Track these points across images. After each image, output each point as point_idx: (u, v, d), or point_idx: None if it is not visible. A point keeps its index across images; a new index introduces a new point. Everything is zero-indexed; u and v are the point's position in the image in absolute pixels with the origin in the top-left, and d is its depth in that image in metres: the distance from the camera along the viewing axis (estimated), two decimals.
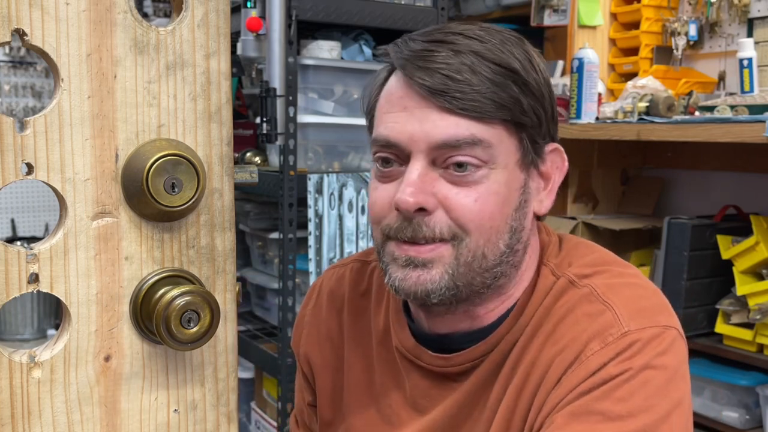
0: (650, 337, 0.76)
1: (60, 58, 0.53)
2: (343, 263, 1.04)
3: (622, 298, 0.79)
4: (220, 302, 0.60)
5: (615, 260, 0.87)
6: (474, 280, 0.80)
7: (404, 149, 0.79)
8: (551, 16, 2.33)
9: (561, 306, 0.81)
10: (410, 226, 0.78)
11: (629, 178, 2.41)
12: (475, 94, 0.76)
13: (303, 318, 1.04)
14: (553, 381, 0.77)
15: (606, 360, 0.75)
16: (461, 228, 0.78)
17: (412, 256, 0.79)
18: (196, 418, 0.61)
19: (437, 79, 0.76)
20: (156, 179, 0.55)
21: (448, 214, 0.78)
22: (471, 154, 0.77)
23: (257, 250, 2.45)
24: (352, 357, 0.96)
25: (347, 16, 2.01)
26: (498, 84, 0.77)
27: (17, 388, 0.55)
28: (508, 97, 0.78)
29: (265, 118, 1.89)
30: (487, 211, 0.78)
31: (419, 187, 0.77)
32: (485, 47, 0.78)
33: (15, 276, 0.54)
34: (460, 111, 0.76)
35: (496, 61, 0.78)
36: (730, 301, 1.84)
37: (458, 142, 0.77)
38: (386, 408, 0.92)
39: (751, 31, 2.13)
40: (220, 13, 0.58)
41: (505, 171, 0.79)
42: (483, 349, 0.85)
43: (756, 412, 1.80)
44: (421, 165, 0.78)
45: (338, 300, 1.00)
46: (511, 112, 0.78)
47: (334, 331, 0.99)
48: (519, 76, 0.78)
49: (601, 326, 0.77)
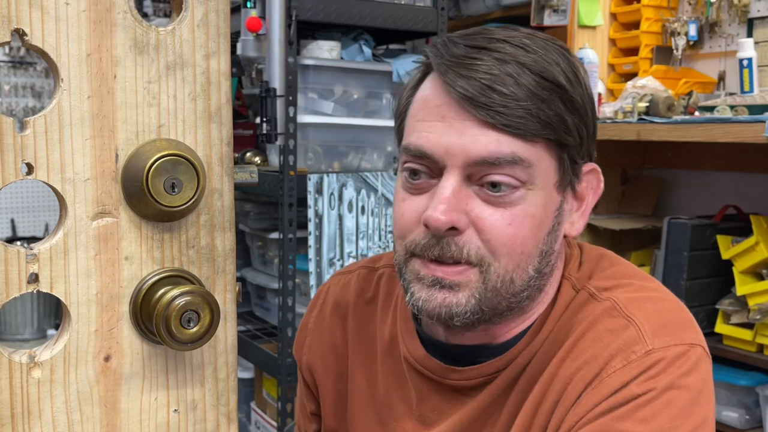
0: (675, 356, 0.73)
1: (60, 58, 0.53)
2: (349, 269, 1.01)
3: (645, 313, 0.76)
4: (220, 302, 0.60)
5: (636, 273, 0.83)
6: (500, 304, 0.77)
7: (438, 162, 0.74)
8: (551, 16, 2.33)
9: (581, 320, 0.78)
10: (438, 244, 0.74)
11: (629, 178, 2.41)
12: (520, 110, 0.71)
13: (306, 325, 1.01)
14: (572, 398, 0.74)
15: (629, 379, 0.72)
16: (491, 251, 0.74)
17: (440, 277, 0.75)
18: (196, 418, 0.61)
19: (480, 90, 0.72)
20: (156, 179, 0.55)
21: (479, 235, 0.74)
22: (510, 173, 0.73)
23: (257, 250, 2.45)
24: (356, 365, 0.94)
25: (347, 16, 2.01)
26: (543, 99, 0.72)
27: (17, 388, 0.55)
28: (553, 115, 0.73)
29: (265, 118, 1.90)
30: (521, 236, 0.74)
31: (452, 205, 0.73)
32: (531, 58, 0.74)
33: (15, 276, 0.54)
34: (502, 127, 0.72)
35: (543, 75, 0.73)
36: (730, 301, 1.84)
37: (498, 160, 0.72)
38: (390, 420, 0.89)
39: (751, 31, 2.13)
40: (220, 13, 0.58)
41: (542, 193, 0.75)
42: (499, 364, 0.81)
43: (756, 412, 1.80)
44: (456, 180, 0.74)
45: (343, 308, 0.97)
46: (554, 131, 0.73)
47: (338, 340, 0.97)
48: (565, 91, 0.74)
49: (624, 343, 0.74)
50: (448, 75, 0.73)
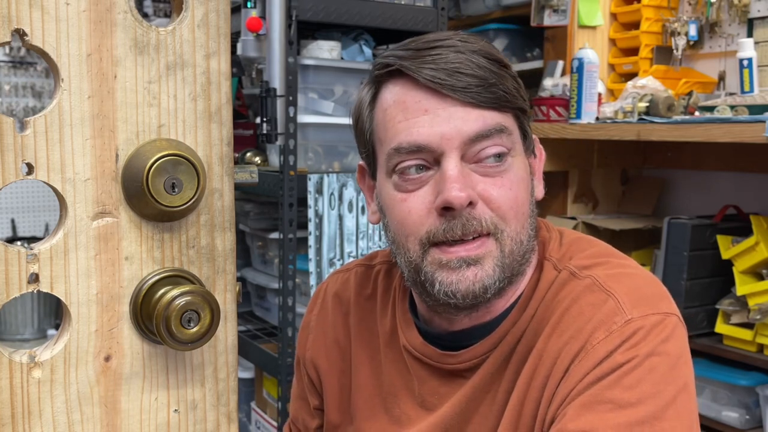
0: (653, 324, 0.78)
1: (60, 58, 0.53)
2: (347, 268, 1.04)
3: (623, 287, 0.81)
4: (220, 302, 0.60)
5: (614, 253, 0.89)
6: (514, 268, 0.82)
7: (435, 150, 0.79)
8: (551, 16, 2.33)
9: (564, 297, 0.83)
10: (459, 222, 0.79)
11: (629, 178, 2.42)
12: (493, 88, 0.80)
13: (308, 323, 1.04)
14: (561, 371, 0.79)
15: (612, 348, 0.77)
16: (502, 218, 0.80)
17: (464, 256, 0.79)
18: (196, 418, 0.61)
19: (451, 76, 0.78)
20: (156, 179, 0.55)
21: (488, 205, 0.80)
22: (499, 143, 0.80)
23: (257, 250, 2.45)
24: (360, 359, 0.97)
25: (347, 16, 2.01)
26: (500, 76, 0.81)
27: (17, 388, 0.55)
28: (511, 87, 0.82)
29: (265, 118, 1.89)
30: (521, 198, 0.82)
31: (463, 182, 0.78)
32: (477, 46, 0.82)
33: (15, 276, 0.54)
34: (481, 104, 0.79)
35: (489, 56, 0.81)
36: (730, 301, 1.84)
37: (489, 131, 0.79)
38: (395, 408, 0.92)
39: (751, 31, 2.13)
40: (220, 13, 0.58)
41: (520, 158, 0.83)
42: (489, 344, 0.86)
43: (756, 412, 1.80)
44: (457, 161, 0.79)
45: (344, 303, 1.01)
46: (516, 101, 0.82)
47: (340, 334, 1.00)
48: (507, 68, 0.83)
49: (604, 315, 0.79)
50: (419, 72, 0.80)
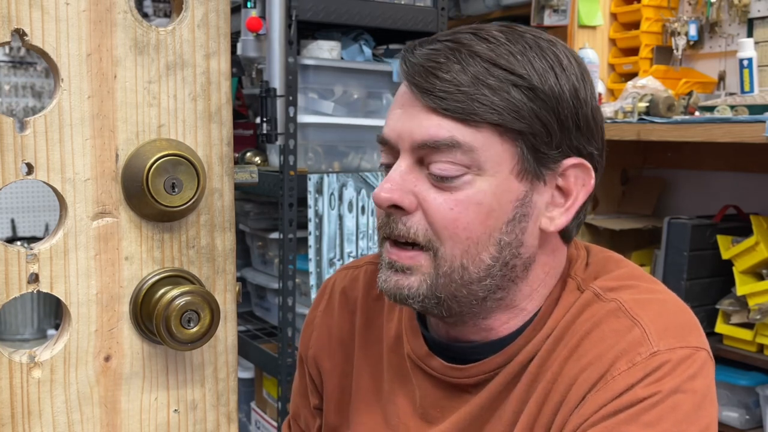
0: (680, 359, 0.73)
1: (60, 58, 0.53)
2: (356, 264, 1.01)
3: (650, 315, 0.76)
4: (220, 302, 0.60)
5: (642, 275, 0.83)
6: (458, 292, 0.77)
7: (394, 147, 0.79)
8: (551, 16, 2.33)
9: (586, 320, 0.78)
10: (388, 223, 0.78)
11: (629, 178, 2.41)
12: (460, 95, 0.73)
13: (313, 320, 1.01)
14: (576, 399, 0.74)
15: (634, 381, 0.72)
16: (436, 234, 0.76)
17: (393, 260, 0.79)
18: (196, 418, 0.61)
19: (423, 76, 0.75)
20: (156, 179, 0.55)
21: (426, 217, 0.76)
22: (450, 159, 0.74)
23: (257, 250, 2.45)
24: (362, 361, 0.94)
25: (347, 16, 2.01)
26: (490, 86, 0.74)
27: (17, 388, 0.55)
28: (499, 101, 0.74)
29: (265, 118, 1.89)
30: (462, 221, 0.75)
31: (398, 185, 0.76)
32: (489, 47, 0.75)
33: (15, 276, 0.54)
34: (443, 111, 0.74)
35: (495, 63, 0.74)
36: (730, 301, 1.84)
37: (437, 143, 0.74)
38: (393, 417, 0.89)
39: (751, 31, 2.13)
40: (220, 13, 0.58)
41: (493, 180, 0.75)
42: (499, 361, 0.81)
43: (756, 412, 1.80)
44: (406, 164, 0.77)
45: (351, 301, 0.98)
46: (500, 116, 0.74)
47: (345, 333, 0.97)
48: (523, 79, 0.74)
49: (628, 344, 0.74)
50: (403, 65, 0.78)
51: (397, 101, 0.80)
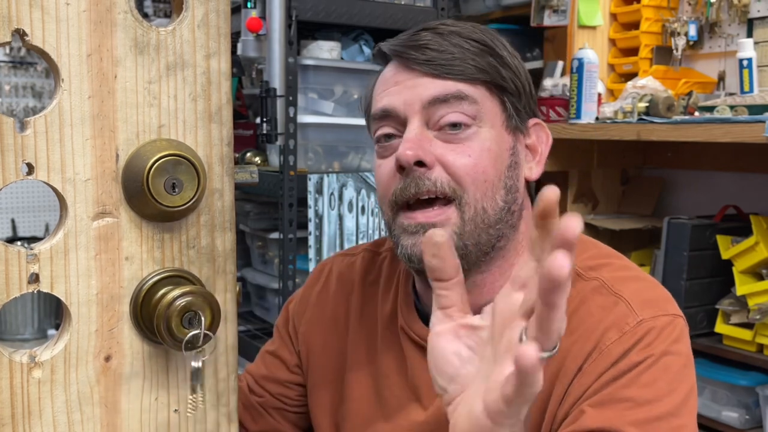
0: (663, 325, 0.80)
1: (60, 58, 0.53)
2: (353, 252, 1.06)
3: (630, 290, 0.83)
4: (221, 302, 0.60)
5: (614, 253, 0.92)
6: (480, 237, 0.84)
7: (400, 114, 0.85)
8: (551, 16, 2.33)
9: (572, 298, 0.83)
10: (413, 181, 0.82)
11: (629, 178, 2.41)
12: (457, 61, 0.85)
13: (308, 297, 1.05)
14: (572, 370, 0.80)
15: (626, 348, 0.78)
16: (459, 183, 0.83)
17: (422, 222, 0.83)
18: (196, 418, 0.61)
19: (424, 53, 0.85)
20: (156, 179, 0.55)
21: (446, 170, 0.83)
22: (459, 109, 0.84)
23: (257, 250, 2.45)
24: (357, 341, 0.98)
25: (347, 16, 2.01)
26: (476, 54, 0.86)
27: (17, 388, 0.55)
28: (486, 64, 0.86)
29: (265, 118, 1.90)
30: (480, 166, 0.83)
31: (417, 144, 0.82)
32: (464, 29, 0.88)
33: (15, 276, 0.54)
34: (444, 74, 0.84)
35: (474, 38, 0.87)
36: (729, 301, 1.84)
37: (447, 96, 0.83)
38: (385, 389, 0.93)
39: (750, 31, 2.13)
40: (221, 14, 0.58)
41: (492, 130, 0.85)
42: None
43: (756, 412, 1.80)
44: (417, 126, 0.84)
45: (348, 285, 1.02)
46: (490, 75, 0.86)
47: (340, 314, 1.01)
48: (495, 51, 0.87)
49: (616, 317, 0.81)
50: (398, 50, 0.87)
51: (388, 81, 0.87)
